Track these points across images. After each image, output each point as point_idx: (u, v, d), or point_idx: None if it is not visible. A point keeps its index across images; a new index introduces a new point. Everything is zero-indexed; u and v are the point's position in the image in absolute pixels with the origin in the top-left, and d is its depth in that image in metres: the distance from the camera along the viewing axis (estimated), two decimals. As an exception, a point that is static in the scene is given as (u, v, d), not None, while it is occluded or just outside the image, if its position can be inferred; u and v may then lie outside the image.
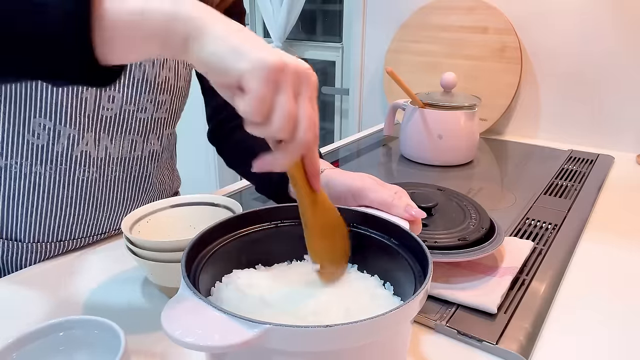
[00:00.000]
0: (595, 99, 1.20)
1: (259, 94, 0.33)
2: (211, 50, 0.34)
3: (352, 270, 0.46)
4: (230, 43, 0.34)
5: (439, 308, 0.54)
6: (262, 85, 0.33)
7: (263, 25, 2.26)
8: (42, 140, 0.59)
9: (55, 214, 0.64)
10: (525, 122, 1.31)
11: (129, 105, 0.63)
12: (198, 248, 0.41)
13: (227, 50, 0.34)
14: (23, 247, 0.64)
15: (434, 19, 1.34)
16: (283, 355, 0.32)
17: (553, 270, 0.62)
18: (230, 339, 0.30)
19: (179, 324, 0.31)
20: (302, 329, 0.31)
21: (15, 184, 0.61)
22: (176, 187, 0.84)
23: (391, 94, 1.45)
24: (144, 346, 0.48)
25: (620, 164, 1.07)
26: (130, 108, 0.64)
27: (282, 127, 0.35)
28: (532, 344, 0.49)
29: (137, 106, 0.64)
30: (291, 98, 0.35)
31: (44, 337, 0.40)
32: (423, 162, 1.05)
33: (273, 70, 0.34)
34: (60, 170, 0.62)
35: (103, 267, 0.64)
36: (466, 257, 0.56)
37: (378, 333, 0.33)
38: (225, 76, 0.35)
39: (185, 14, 0.35)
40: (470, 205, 0.67)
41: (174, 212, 0.61)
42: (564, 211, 0.80)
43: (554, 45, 1.22)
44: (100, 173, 0.65)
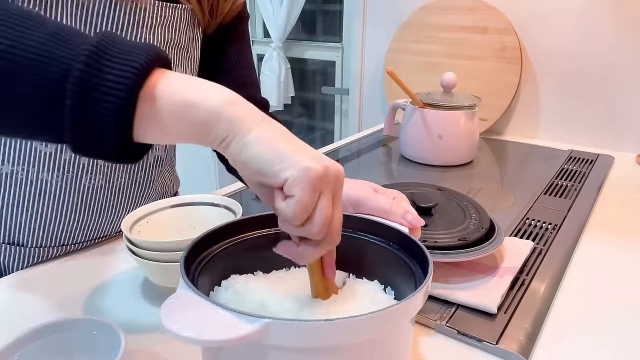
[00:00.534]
0: (595, 98, 1.20)
1: (305, 201, 0.34)
2: (253, 154, 0.34)
3: (351, 277, 0.46)
4: (274, 148, 0.34)
5: (439, 308, 0.54)
6: (307, 194, 0.34)
7: (263, 25, 2.26)
8: (50, 147, 0.59)
9: (59, 219, 0.64)
10: (525, 122, 1.31)
11: None
12: (197, 251, 0.41)
13: (271, 155, 0.34)
14: (26, 251, 0.64)
15: (434, 19, 1.35)
16: (282, 351, 0.32)
17: (553, 270, 0.62)
18: (230, 333, 0.30)
19: (178, 318, 0.31)
20: (303, 323, 0.31)
21: (21, 190, 0.61)
22: (175, 187, 0.84)
23: (391, 94, 1.45)
24: (144, 346, 0.48)
25: (620, 164, 1.07)
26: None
27: (320, 231, 0.35)
28: (532, 344, 0.49)
29: None
30: (330, 203, 0.35)
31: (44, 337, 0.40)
32: (423, 162, 1.05)
33: (318, 179, 0.34)
34: (66, 177, 0.62)
35: (103, 267, 0.64)
36: (466, 257, 0.56)
37: (378, 329, 0.33)
38: (267, 178, 0.34)
39: (230, 114, 0.35)
40: (470, 205, 0.67)
41: (174, 212, 0.61)
42: (564, 211, 0.80)
43: (554, 45, 1.22)
44: (106, 180, 0.65)
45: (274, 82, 2.16)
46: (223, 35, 0.73)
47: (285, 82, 2.18)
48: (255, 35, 2.34)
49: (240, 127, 0.35)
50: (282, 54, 2.14)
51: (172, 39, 0.64)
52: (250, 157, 0.34)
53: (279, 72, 2.15)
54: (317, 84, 2.30)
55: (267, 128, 0.35)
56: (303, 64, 2.30)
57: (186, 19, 0.65)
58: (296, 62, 2.25)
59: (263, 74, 2.19)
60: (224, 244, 0.44)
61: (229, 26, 0.73)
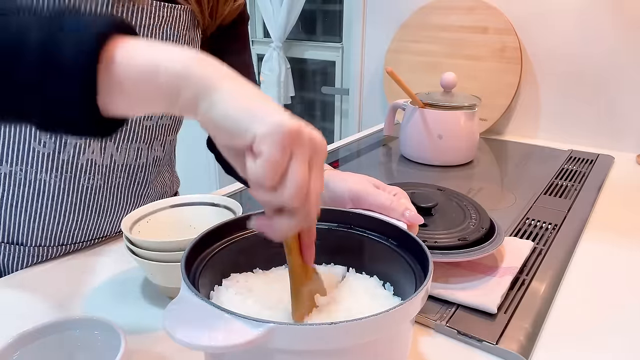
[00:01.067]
0: (595, 99, 1.20)
1: (274, 157, 0.31)
2: (222, 109, 0.33)
3: (350, 272, 0.46)
4: (243, 104, 0.33)
5: (439, 308, 0.54)
6: (277, 150, 0.31)
7: (263, 25, 2.26)
8: (48, 148, 0.59)
9: (58, 219, 0.64)
10: (525, 122, 1.31)
11: None
12: (197, 250, 0.41)
13: (240, 111, 0.32)
14: (25, 251, 0.64)
15: (434, 19, 1.35)
16: (286, 354, 0.32)
17: (553, 270, 0.62)
18: (234, 338, 0.29)
19: (182, 324, 0.30)
20: (307, 327, 0.31)
21: (20, 190, 0.61)
22: (175, 188, 0.84)
23: (391, 94, 1.45)
24: (144, 346, 0.48)
25: (620, 164, 1.07)
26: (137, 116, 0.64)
27: (293, 195, 0.32)
28: (532, 344, 0.49)
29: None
30: (306, 166, 0.33)
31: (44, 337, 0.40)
32: (423, 162, 1.05)
33: (290, 135, 0.32)
34: (65, 177, 0.62)
35: (103, 267, 0.64)
36: (466, 257, 0.56)
37: (381, 330, 0.33)
38: (236, 138, 0.33)
39: (197, 73, 0.33)
40: (470, 205, 0.67)
41: (174, 212, 0.61)
42: (564, 211, 0.80)
43: (554, 45, 1.22)
44: (105, 180, 0.65)
45: (274, 82, 2.16)
46: (223, 37, 0.73)
47: (285, 82, 2.18)
48: (255, 35, 2.34)
49: (208, 85, 0.33)
50: (282, 54, 2.14)
51: (171, 39, 0.63)
52: (218, 116, 0.33)
53: (279, 72, 2.15)
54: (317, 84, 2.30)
55: (236, 84, 0.34)
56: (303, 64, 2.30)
57: (185, 20, 0.65)
58: (296, 62, 2.25)
59: (263, 74, 2.19)
60: (223, 243, 0.44)
61: (229, 27, 0.73)
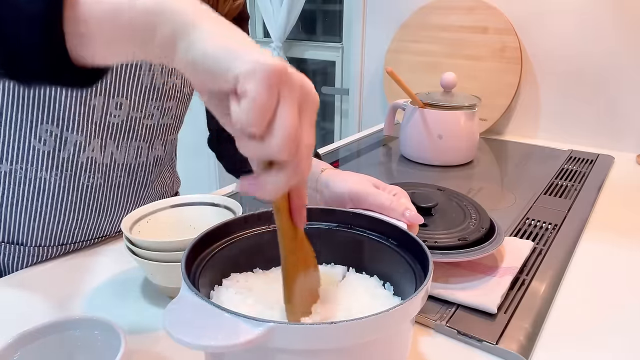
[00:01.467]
0: (595, 99, 1.20)
1: (260, 98, 0.28)
2: (201, 48, 0.30)
3: (350, 272, 0.46)
4: (225, 42, 0.30)
5: (439, 308, 0.54)
6: (263, 88, 0.28)
7: (263, 25, 2.26)
8: (48, 146, 0.59)
9: (58, 218, 0.64)
10: (525, 122, 1.31)
11: (136, 112, 0.63)
12: (198, 250, 0.41)
13: (221, 49, 0.30)
14: (25, 250, 0.64)
15: (434, 19, 1.34)
16: (286, 353, 0.32)
17: (553, 270, 0.62)
18: (234, 338, 0.29)
19: (182, 324, 0.30)
20: (307, 327, 0.31)
21: (20, 188, 0.61)
22: (176, 187, 0.84)
23: (391, 94, 1.45)
24: (144, 346, 0.48)
25: (620, 164, 1.07)
26: (137, 115, 0.64)
27: (282, 144, 0.29)
28: (532, 344, 0.49)
29: (144, 113, 0.64)
30: (296, 112, 0.30)
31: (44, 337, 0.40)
32: (423, 162, 1.05)
33: (276, 73, 0.29)
34: (65, 176, 0.62)
35: (103, 267, 0.64)
36: (466, 257, 0.56)
37: (381, 330, 0.33)
38: (217, 79, 0.30)
39: (171, 7, 0.31)
40: (470, 205, 0.67)
41: (174, 212, 0.61)
42: (564, 211, 0.80)
43: (554, 45, 1.22)
44: (105, 179, 0.65)
45: (274, 82, 2.16)
46: None
47: (285, 82, 2.18)
48: (255, 35, 2.34)
49: (186, 22, 0.30)
50: (282, 54, 2.14)
51: None
52: (198, 54, 0.30)
53: (279, 72, 2.15)
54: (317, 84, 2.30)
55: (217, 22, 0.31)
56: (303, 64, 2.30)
57: None
58: (296, 62, 2.25)
59: (263, 74, 2.19)
60: (223, 243, 0.44)
61: None
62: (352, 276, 0.45)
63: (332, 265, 0.47)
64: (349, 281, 0.45)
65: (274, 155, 0.30)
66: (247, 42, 0.31)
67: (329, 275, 0.45)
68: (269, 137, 0.29)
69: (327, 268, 0.47)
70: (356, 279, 0.45)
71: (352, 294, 0.42)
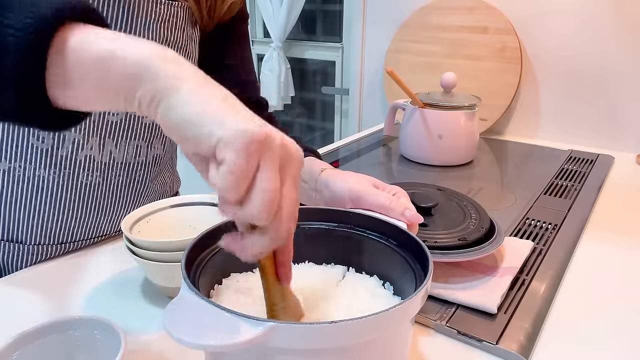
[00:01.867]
0: (595, 99, 1.20)
1: (238, 165, 0.28)
2: (180, 113, 0.30)
3: (350, 272, 0.46)
4: (206, 107, 0.30)
5: (439, 308, 0.54)
6: (241, 156, 0.28)
7: (263, 25, 2.26)
8: (46, 144, 0.59)
9: (57, 217, 0.64)
10: (525, 122, 1.31)
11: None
12: (198, 250, 0.41)
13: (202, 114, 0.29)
14: (24, 249, 0.64)
15: (434, 19, 1.34)
16: (286, 353, 0.32)
17: (553, 270, 0.62)
18: (235, 337, 0.29)
19: (182, 323, 0.30)
20: (307, 326, 0.31)
21: (18, 187, 0.61)
22: (176, 187, 0.84)
23: (391, 94, 1.45)
24: (144, 346, 0.48)
25: (620, 164, 1.07)
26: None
27: (262, 210, 0.29)
28: (532, 344, 0.49)
29: None
30: (276, 176, 0.30)
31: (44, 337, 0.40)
32: (423, 162, 1.05)
33: (257, 141, 0.29)
34: (63, 174, 0.62)
35: (103, 267, 0.64)
36: (466, 257, 0.56)
37: (381, 330, 0.33)
38: (197, 144, 0.29)
39: (156, 68, 0.30)
40: (470, 205, 0.67)
41: (174, 212, 0.61)
42: (564, 211, 0.80)
43: (554, 46, 1.22)
44: (104, 177, 0.65)
45: (274, 82, 2.16)
46: (222, 35, 0.73)
47: (285, 82, 2.18)
48: (255, 35, 2.34)
49: (167, 86, 0.30)
50: (282, 54, 2.14)
51: (168, 36, 0.63)
52: (179, 118, 0.30)
53: (279, 72, 2.15)
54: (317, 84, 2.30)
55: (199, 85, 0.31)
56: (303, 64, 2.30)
57: (183, 17, 0.65)
58: (296, 62, 2.25)
59: (263, 74, 2.19)
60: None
61: (229, 25, 0.73)
62: (352, 276, 0.46)
63: (332, 265, 0.47)
64: (348, 281, 0.45)
65: (253, 220, 0.30)
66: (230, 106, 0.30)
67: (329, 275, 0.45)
68: (248, 203, 0.29)
69: (327, 268, 0.47)
70: (356, 278, 0.45)
71: (352, 294, 0.42)
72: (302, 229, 0.48)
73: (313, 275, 0.45)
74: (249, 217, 0.30)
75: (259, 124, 0.30)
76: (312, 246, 0.47)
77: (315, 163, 0.62)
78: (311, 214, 0.48)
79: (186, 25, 0.66)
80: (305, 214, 0.48)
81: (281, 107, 2.23)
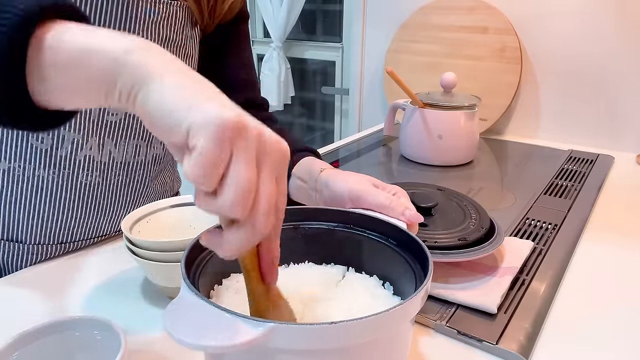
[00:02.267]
0: (595, 99, 1.20)
1: (209, 152, 0.27)
2: (157, 100, 0.29)
3: (349, 272, 0.46)
4: (181, 94, 0.29)
5: (439, 308, 0.54)
6: (213, 144, 0.27)
7: (263, 25, 2.26)
8: (45, 144, 0.59)
9: (57, 217, 0.64)
10: (525, 122, 1.31)
11: None
12: (198, 250, 0.41)
13: (177, 101, 0.29)
14: (24, 248, 0.64)
15: (434, 19, 1.34)
16: (286, 354, 0.32)
17: (553, 270, 0.62)
18: (235, 338, 0.29)
19: (182, 324, 0.30)
20: (307, 327, 0.31)
21: (18, 187, 0.61)
22: (176, 187, 0.84)
23: (391, 94, 1.45)
24: (144, 346, 0.48)
25: (620, 164, 1.07)
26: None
27: (235, 201, 0.28)
28: (532, 344, 0.49)
29: None
30: (250, 167, 0.28)
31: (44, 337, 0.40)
32: (423, 162, 1.05)
33: (229, 128, 0.28)
34: (63, 174, 0.62)
35: (103, 267, 0.64)
36: (466, 257, 0.56)
37: (381, 330, 0.33)
38: (171, 131, 0.29)
39: (135, 59, 0.30)
40: (470, 205, 0.67)
41: (174, 212, 0.61)
42: (564, 211, 0.80)
43: (554, 46, 1.22)
44: (103, 177, 0.65)
45: (274, 82, 2.16)
46: (223, 35, 0.73)
47: (285, 82, 2.18)
48: (255, 35, 2.34)
49: (145, 74, 0.30)
50: (282, 54, 2.14)
51: (167, 35, 0.63)
52: (154, 107, 0.29)
53: (279, 72, 2.15)
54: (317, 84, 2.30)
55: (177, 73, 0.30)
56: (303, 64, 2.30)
57: (183, 17, 0.65)
58: (296, 62, 2.25)
59: (263, 74, 2.19)
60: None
61: (229, 25, 0.73)
62: (352, 276, 0.46)
63: (332, 265, 0.47)
64: (349, 281, 0.45)
65: (227, 213, 0.29)
66: (207, 93, 0.30)
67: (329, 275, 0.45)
68: (221, 194, 0.28)
69: (327, 268, 0.47)
70: (356, 278, 0.45)
71: (352, 294, 0.42)
72: (302, 229, 0.48)
73: (313, 275, 0.45)
74: (223, 209, 0.28)
75: (233, 112, 0.29)
76: (312, 246, 0.47)
77: (314, 163, 0.62)
78: (311, 214, 0.48)
79: (186, 25, 0.66)
80: (305, 214, 0.48)
81: (281, 107, 2.23)
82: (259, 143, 0.29)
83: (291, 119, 2.45)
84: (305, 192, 0.62)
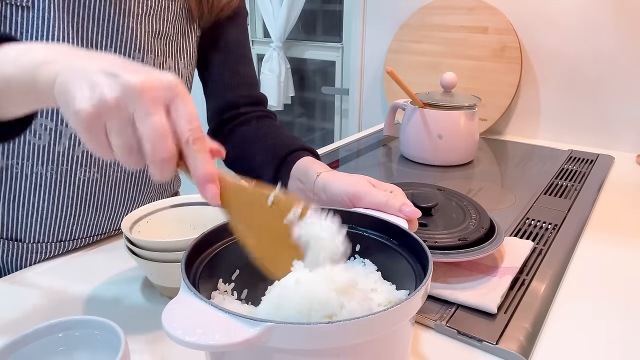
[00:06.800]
0: (595, 98, 1.20)
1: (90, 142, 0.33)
2: (58, 80, 0.34)
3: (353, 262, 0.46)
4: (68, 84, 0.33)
5: (439, 308, 0.54)
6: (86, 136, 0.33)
7: (263, 25, 2.26)
8: (43, 140, 0.59)
9: (56, 214, 0.64)
10: (525, 122, 1.31)
11: None
12: (198, 250, 0.41)
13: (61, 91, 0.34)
14: (24, 247, 0.64)
15: (434, 19, 1.34)
16: (284, 353, 0.32)
17: (553, 270, 0.62)
18: (232, 337, 0.30)
19: (180, 323, 0.30)
20: (304, 326, 0.31)
21: (16, 184, 0.61)
22: (176, 187, 0.84)
23: (391, 94, 1.45)
24: (144, 346, 0.48)
25: (620, 164, 1.07)
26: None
27: (123, 158, 0.34)
28: (532, 344, 0.49)
29: None
30: (122, 127, 0.33)
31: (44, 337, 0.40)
32: (423, 162, 1.05)
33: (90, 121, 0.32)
34: (61, 170, 0.62)
35: (103, 267, 0.64)
36: (466, 257, 0.56)
37: (379, 330, 0.33)
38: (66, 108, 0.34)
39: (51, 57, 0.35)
40: (470, 205, 0.67)
41: (174, 212, 0.61)
42: (564, 211, 0.80)
43: (554, 45, 1.22)
44: (101, 174, 0.65)
45: (274, 82, 2.16)
46: (221, 31, 0.73)
47: (285, 82, 2.18)
48: (255, 35, 2.34)
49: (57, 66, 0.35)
50: (282, 54, 2.14)
51: (159, 29, 0.63)
52: (56, 86, 0.34)
53: (279, 72, 2.15)
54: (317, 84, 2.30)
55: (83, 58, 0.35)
56: (303, 64, 2.30)
57: (176, 11, 0.64)
58: (296, 62, 2.25)
59: (263, 74, 2.19)
60: (223, 243, 0.44)
61: (228, 21, 0.73)
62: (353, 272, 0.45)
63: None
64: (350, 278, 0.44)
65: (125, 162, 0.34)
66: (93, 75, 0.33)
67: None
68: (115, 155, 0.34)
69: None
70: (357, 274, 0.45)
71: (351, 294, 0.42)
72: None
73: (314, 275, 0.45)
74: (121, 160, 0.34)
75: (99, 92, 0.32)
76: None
77: (311, 166, 0.62)
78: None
79: (179, 19, 0.65)
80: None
81: (281, 107, 2.23)
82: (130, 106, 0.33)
83: (291, 119, 2.45)
84: (304, 194, 0.62)
